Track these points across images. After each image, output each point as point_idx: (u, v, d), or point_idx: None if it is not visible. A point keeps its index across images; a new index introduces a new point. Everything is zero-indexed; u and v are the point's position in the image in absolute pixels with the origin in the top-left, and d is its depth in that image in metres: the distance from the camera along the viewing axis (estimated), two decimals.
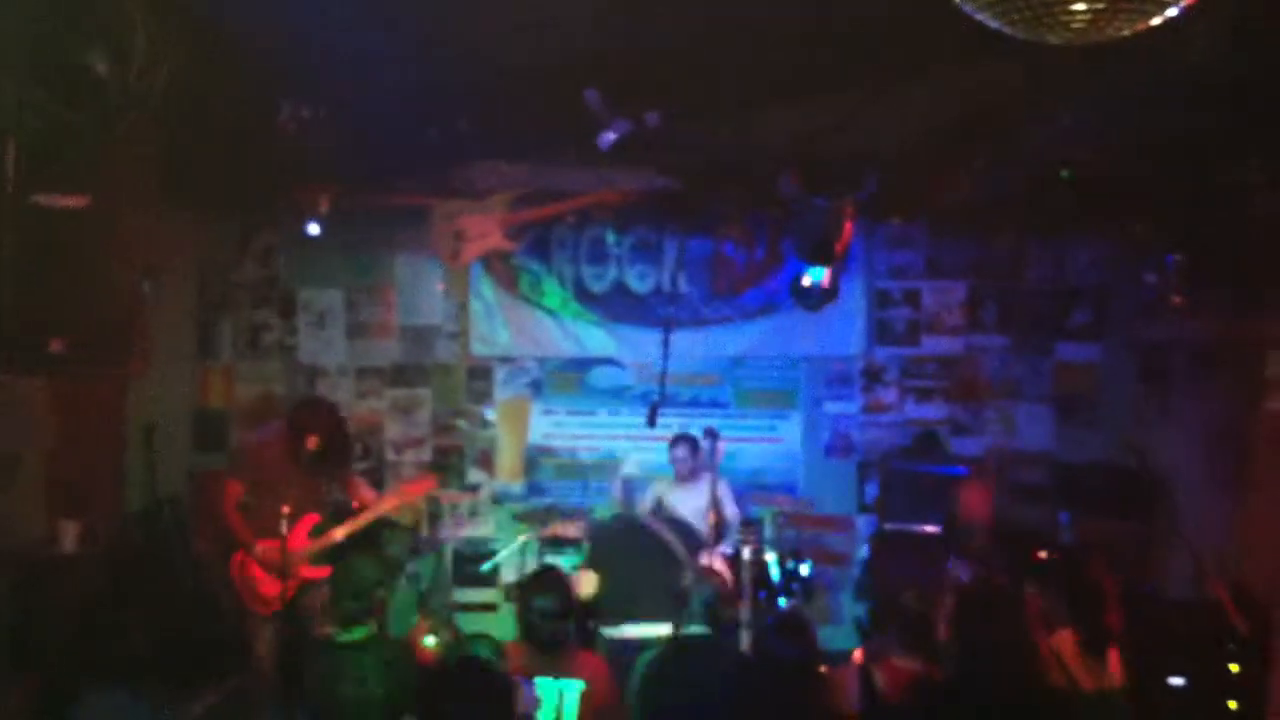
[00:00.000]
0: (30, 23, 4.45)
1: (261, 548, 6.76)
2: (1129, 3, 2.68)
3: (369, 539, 7.69)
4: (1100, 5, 2.67)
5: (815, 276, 7.71)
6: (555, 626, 5.01)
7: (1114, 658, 5.12)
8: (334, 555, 6.83)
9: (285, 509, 6.23)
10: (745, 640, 6.45)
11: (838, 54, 5.55)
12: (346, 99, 6.30)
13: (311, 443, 6.84)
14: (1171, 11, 2.78)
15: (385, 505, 7.25)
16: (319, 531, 6.90)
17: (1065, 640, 5.10)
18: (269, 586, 6.77)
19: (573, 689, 4.86)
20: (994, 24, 2.84)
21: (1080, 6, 2.68)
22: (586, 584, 7.12)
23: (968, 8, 2.84)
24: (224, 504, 6.88)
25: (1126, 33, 2.80)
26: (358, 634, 5.02)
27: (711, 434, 7.56)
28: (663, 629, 6.45)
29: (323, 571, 6.96)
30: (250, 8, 4.97)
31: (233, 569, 6.85)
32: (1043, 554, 6.92)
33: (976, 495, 6.87)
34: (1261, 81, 5.33)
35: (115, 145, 5.25)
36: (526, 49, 5.52)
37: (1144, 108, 5.76)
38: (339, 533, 6.99)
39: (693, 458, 8.29)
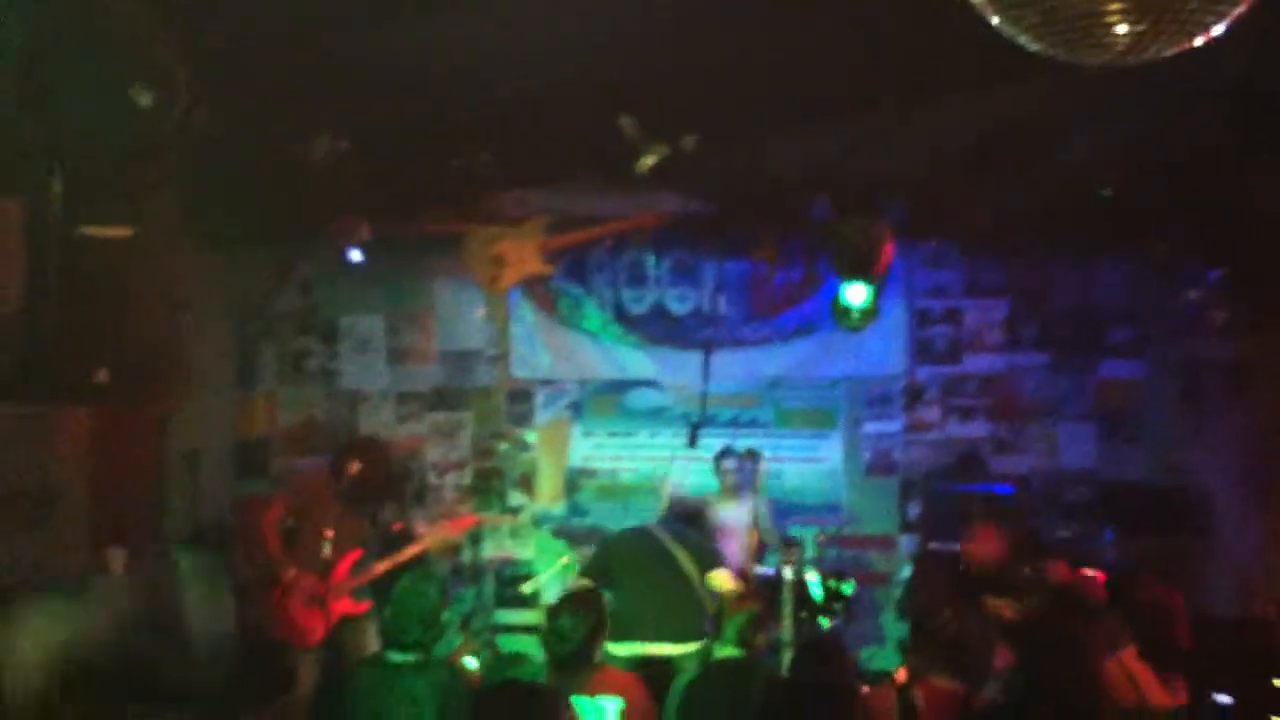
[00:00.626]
0: (77, 58, 4.53)
1: (303, 580, 6.82)
2: (1171, 24, 2.65)
3: (418, 563, 7.74)
4: (1141, 27, 2.65)
5: (855, 297, 7.69)
6: (575, 646, 4.99)
7: (1179, 676, 5.08)
8: (377, 590, 6.89)
9: (328, 534, 6.30)
10: (786, 661, 6.48)
11: (865, 74, 5.56)
12: (379, 130, 6.37)
13: (353, 469, 6.91)
14: (1216, 30, 2.75)
15: (427, 543, 7.29)
16: (360, 568, 6.94)
17: (1130, 657, 5.06)
18: (309, 619, 6.81)
19: (613, 707, 4.86)
20: (1033, 46, 2.82)
21: (1122, 29, 2.66)
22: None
23: (1006, 31, 2.82)
24: (265, 525, 6.94)
25: (1168, 53, 2.77)
26: (411, 656, 5.03)
27: (753, 455, 7.57)
28: (666, 649, 6.49)
29: (363, 607, 7.02)
30: (279, 42, 5.03)
31: (273, 600, 6.90)
32: (1088, 571, 6.83)
33: (984, 536, 6.76)
34: None
35: (156, 179, 5.33)
36: (555, 75, 5.56)
37: (1174, 123, 5.73)
38: (380, 567, 7.04)
39: (740, 470, 8.28)
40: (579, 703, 4.80)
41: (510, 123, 6.33)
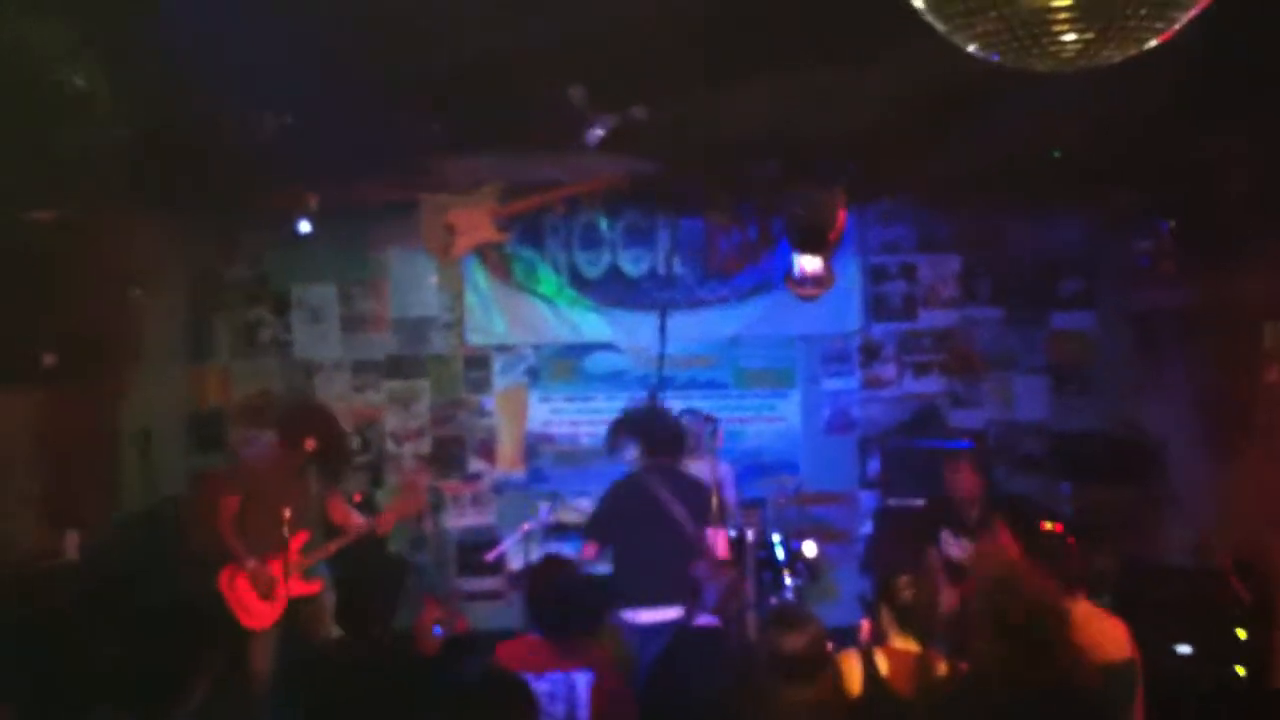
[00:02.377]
0: (4, 40, 4.43)
1: (252, 564, 6.76)
2: (1119, 32, 2.62)
3: (373, 538, 7.70)
4: (1090, 35, 2.62)
5: (809, 266, 7.66)
6: (561, 612, 4.99)
7: (1122, 628, 5.12)
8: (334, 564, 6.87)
9: (286, 517, 6.24)
10: (751, 621, 6.47)
11: (816, 31, 5.51)
12: (323, 99, 6.27)
13: (309, 445, 6.85)
14: (1164, 34, 2.72)
15: (374, 523, 7.21)
16: (310, 548, 6.89)
17: (1080, 609, 5.11)
18: (258, 604, 6.77)
19: (582, 680, 4.87)
20: (981, 54, 2.79)
21: (1070, 37, 2.63)
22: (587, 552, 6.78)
23: (955, 39, 2.79)
24: (220, 519, 6.87)
25: (1118, 59, 2.75)
26: (370, 639, 5.03)
27: (710, 420, 7.55)
28: (672, 613, 6.30)
29: (315, 586, 6.98)
30: (217, 17, 4.93)
31: (222, 584, 6.84)
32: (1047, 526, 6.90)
33: (966, 471, 6.84)
34: (1240, 46, 5.30)
35: (95, 156, 5.22)
36: (502, 39, 5.48)
37: (1123, 77, 5.72)
38: (331, 547, 7.00)
39: (699, 431, 8.24)
40: (553, 676, 4.81)
41: (459, 89, 6.24)
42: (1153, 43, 2.70)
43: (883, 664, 4.61)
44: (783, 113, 6.79)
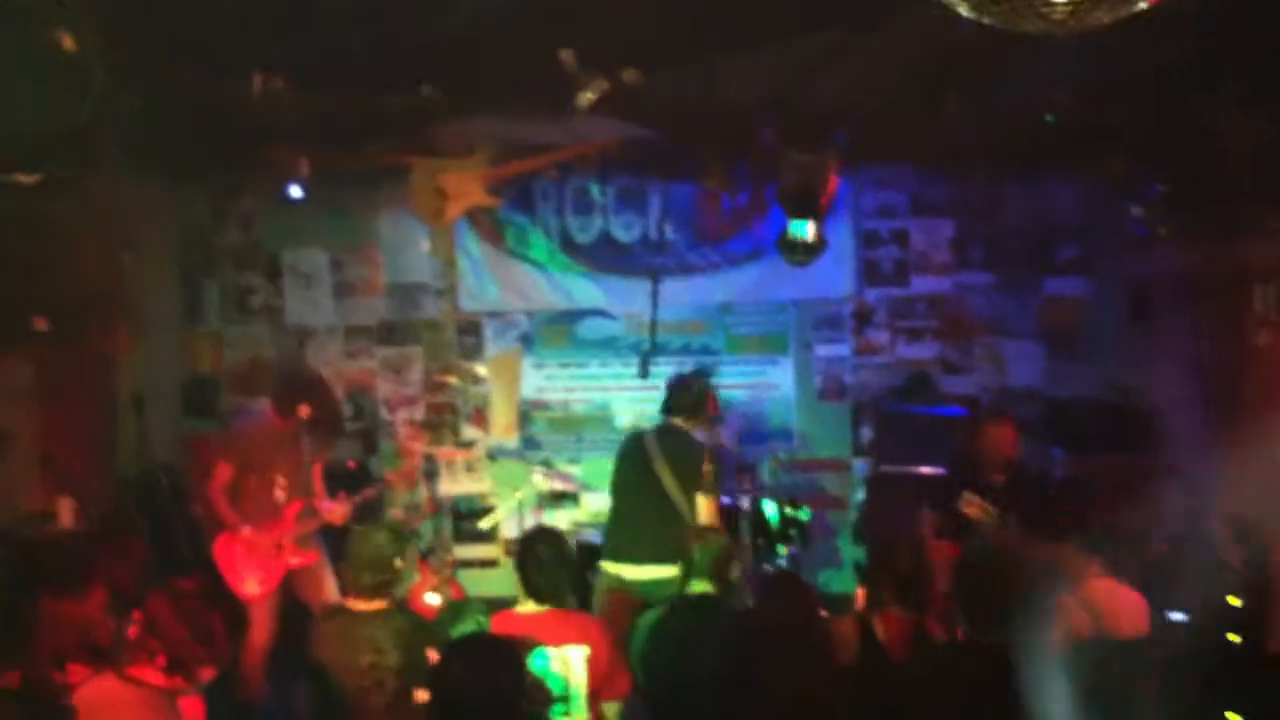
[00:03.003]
0: None
1: (247, 532, 6.73)
2: None
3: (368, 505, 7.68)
4: None
5: (801, 232, 7.63)
6: (554, 579, 5.00)
7: (1140, 603, 5.15)
8: (331, 534, 6.85)
9: (281, 485, 6.22)
10: (746, 589, 6.47)
11: None
12: (318, 61, 6.23)
13: (302, 413, 6.82)
14: None
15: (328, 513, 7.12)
16: (304, 515, 6.86)
17: (1098, 583, 5.13)
18: (254, 573, 6.73)
19: (577, 654, 4.87)
20: (972, 16, 2.77)
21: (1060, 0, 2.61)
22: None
23: (948, 0, 2.76)
24: (212, 490, 6.83)
25: (1107, 21, 2.72)
26: (371, 603, 5.05)
27: (703, 374, 7.52)
28: (660, 571, 6.27)
29: (310, 556, 6.96)
30: None
31: (216, 553, 6.80)
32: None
33: (1005, 431, 6.84)
34: (1234, 10, 5.28)
35: (87, 119, 5.17)
36: (490, 3, 5.45)
37: (1116, 42, 5.70)
38: (328, 515, 6.97)
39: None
40: (544, 652, 4.81)
41: (451, 52, 6.21)
42: (1143, 5, 2.69)
43: (879, 630, 4.64)
44: (777, 78, 6.77)
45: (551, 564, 5.01)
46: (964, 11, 2.76)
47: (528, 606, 5.02)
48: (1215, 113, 6.88)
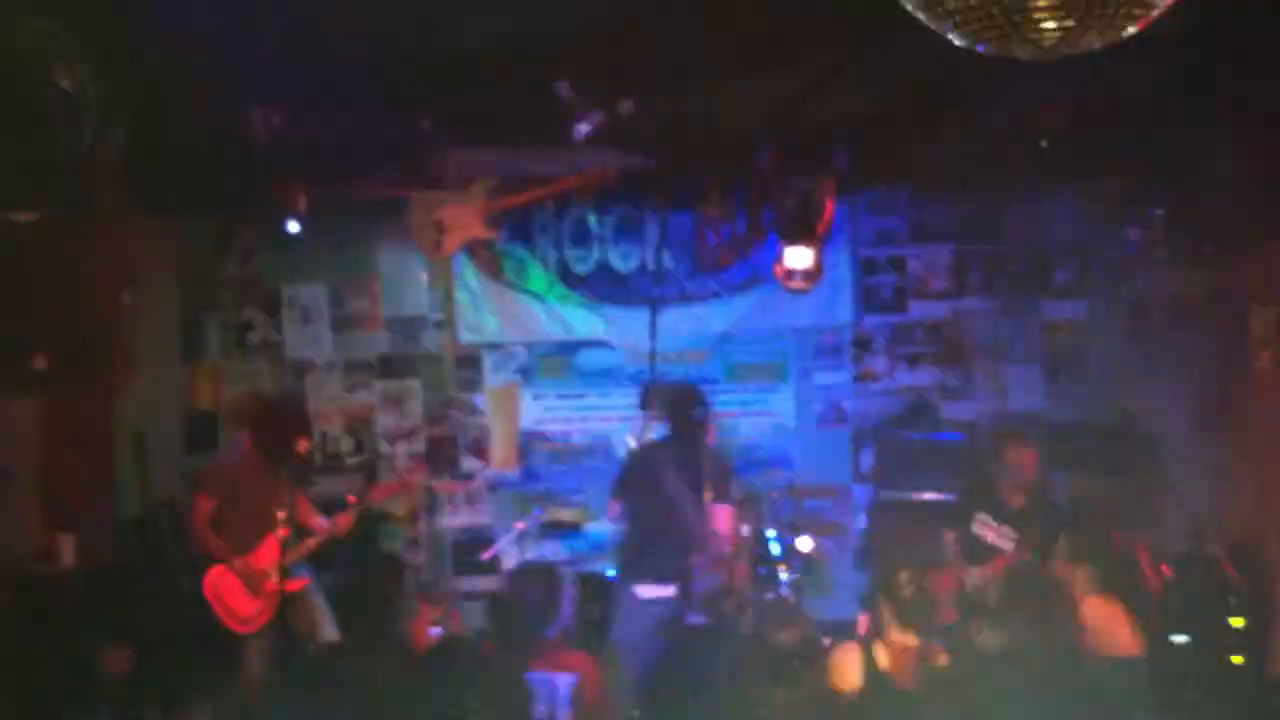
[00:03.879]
0: None
1: (238, 562, 6.70)
2: (1099, 19, 2.61)
3: (365, 536, 7.66)
4: (1070, 22, 2.61)
5: (799, 259, 7.64)
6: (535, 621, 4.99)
7: (1128, 622, 5.15)
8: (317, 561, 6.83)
9: (266, 514, 6.20)
10: (746, 617, 6.45)
11: (808, 20, 5.51)
12: (312, 97, 6.26)
13: (303, 447, 6.82)
14: (1143, 21, 2.71)
15: (333, 524, 7.10)
16: (288, 545, 6.83)
17: (1095, 607, 5.12)
18: (246, 604, 6.69)
19: (565, 682, 4.85)
20: (963, 43, 2.78)
21: (1050, 24, 2.62)
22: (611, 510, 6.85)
23: (938, 27, 2.78)
24: (196, 523, 6.81)
25: (1098, 45, 2.74)
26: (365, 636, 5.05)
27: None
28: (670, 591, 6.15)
29: (301, 583, 6.93)
30: (206, 15, 4.92)
31: (207, 589, 6.76)
32: None
33: (1026, 454, 6.84)
34: (1228, 31, 5.31)
35: (86, 156, 5.19)
36: (491, 34, 5.48)
37: (1113, 64, 5.73)
38: (311, 543, 6.94)
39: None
40: (532, 678, 4.81)
41: (448, 85, 6.24)
42: (1132, 29, 2.70)
43: (882, 657, 4.62)
44: (772, 103, 6.80)
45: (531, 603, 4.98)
46: (955, 39, 2.78)
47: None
48: (1212, 134, 6.91)
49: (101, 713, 3.69)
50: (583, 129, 6.15)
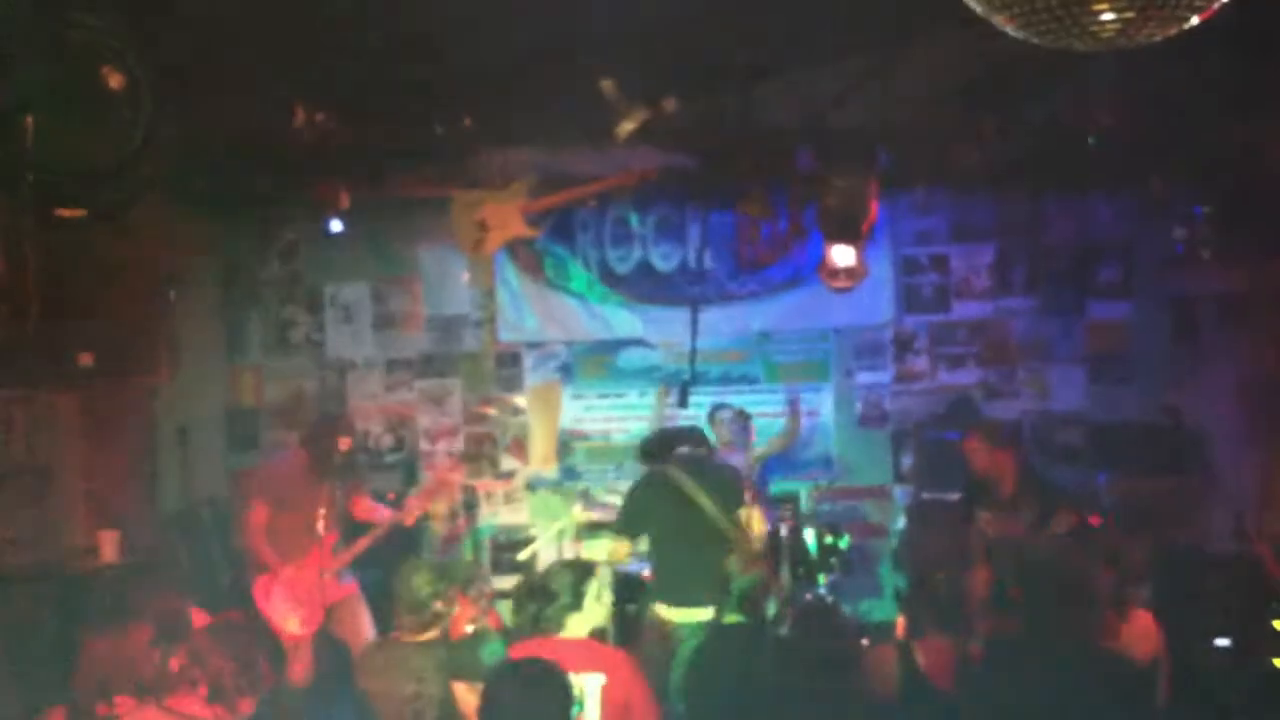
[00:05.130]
0: (43, 74, 4.44)
1: (288, 572, 6.75)
2: (1159, 11, 2.58)
3: (407, 536, 7.69)
4: (1130, 14, 2.58)
5: (843, 258, 7.61)
6: (546, 614, 4.95)
7: (1149, 621, 5.07)
8: (365, 567, 6.86)
9: (316, 519, 6.23)
10: (785, 617, 6.42)
11: (852, 18, 5.49)
12: (360, 94, 6.29)
13: (345, 444, 6.86)
14: (1205, 12, 2.67)
15: (400, 516, 7.19)
16: (339, 548, 6.88)
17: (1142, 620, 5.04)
18: (295, 612, 6.73)
19: (593, 683, 4.81)
20: (1020, 35, 2.75)
21: (1109, 16, 2.59)
22: (616, 552, 6.69)
23: (995, 19, 2.75)
24: (251, 530, 6.88)
25: (1159, 38, 2.70)
26: (413, 637, 5.07)
27: (742, 415, 7.53)
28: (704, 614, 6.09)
29: (349, 589, 6.98)
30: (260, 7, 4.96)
31: (257, 595, 6.82)
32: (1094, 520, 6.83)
33: (975, 445, 6.83)
34: (1277, 29, 5.24)
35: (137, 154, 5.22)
36: (535, 33, 5.49)
37: (1159, 61, 5.67)
38: (362, 543, 6.98)
39: (733, 425, 8.15)
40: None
41: (491, 84, 6.25)
42: (1194, 21, 2.66)
43: (920, 657, 4.59)
44: (815, 103, 6.77)
45: (559, 594, 4.96)
46: (1012, 31, 2.75)
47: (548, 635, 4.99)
48: (1258, 132, 6.83)
49: (147, 707, 3.69)
50: (626, 127, 6.13)
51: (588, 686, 4.76)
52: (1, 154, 4.61)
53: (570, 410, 9.60)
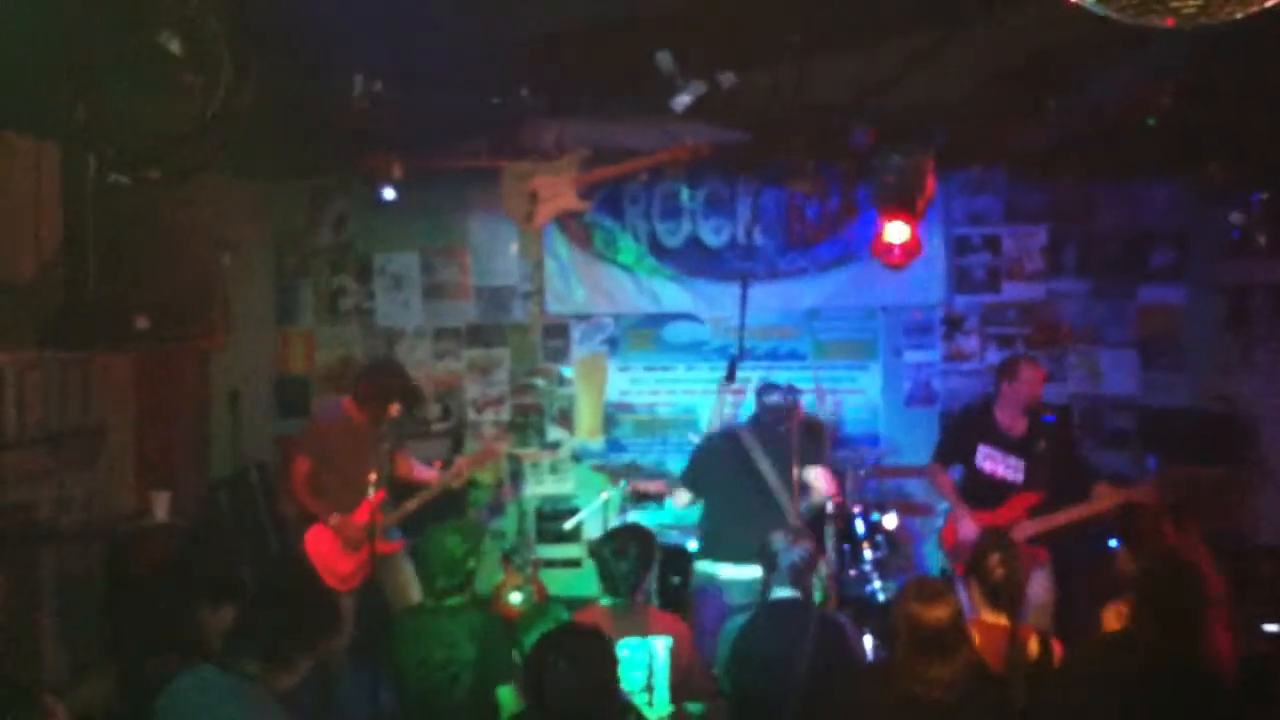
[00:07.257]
0: (122, 40, 4.48)
1: (336, 519, 6.83)
2: None
3: (451, 502, 7.75)
4: None
5: (898, 234, 7.57)
6: (634, 580, 5.03)
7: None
8: (410, 527, 6.91)
9: (368, 477, 6.27)
10: (833, 593, 6.46)
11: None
12: (412, 63, 6.29)
13: (394, 410, 6.91)
14: None
15: (448, 477, 7.26)
16: (387, 506, 6.93)
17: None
18: (344, 562, 6.84)
19: (663, 645, 4.89)
20: (1100, 11, 2.72)
21: None
22: (679, 498, 7.17)
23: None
24: (295, 482, 6.95)
25: (1239, 15, 2.66)
26: (450, 603, 5.12)
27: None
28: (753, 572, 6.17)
29: (395, 545, 7.04)
30: None
31: (308, 544, 6.91)
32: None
33: (1041, 373, 7.07)
34: None
35: (203, 161, 5.24)
36: (591, 5, 5.47)
37: (1216, 45, 5.60)
38: (411, 505, 7.04)
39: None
40: (630, 643, 4.83)
41: (546, 56, 6.24)
42: (1274, 1, 2.62)
43: (974, 638, 4.58)
44: (872, 80, 6.72)
45: (632, 555, 5.05)
46: (1090, 7, 2.71)
47: (606, 601, 5.06)
48: None
49: (205, 667, 3.73)
50: (683, 100, 6.11)
51: (657, 649, 4.83)
52: (68, 119, 4.68)
53: (616, 382, 9.63)
